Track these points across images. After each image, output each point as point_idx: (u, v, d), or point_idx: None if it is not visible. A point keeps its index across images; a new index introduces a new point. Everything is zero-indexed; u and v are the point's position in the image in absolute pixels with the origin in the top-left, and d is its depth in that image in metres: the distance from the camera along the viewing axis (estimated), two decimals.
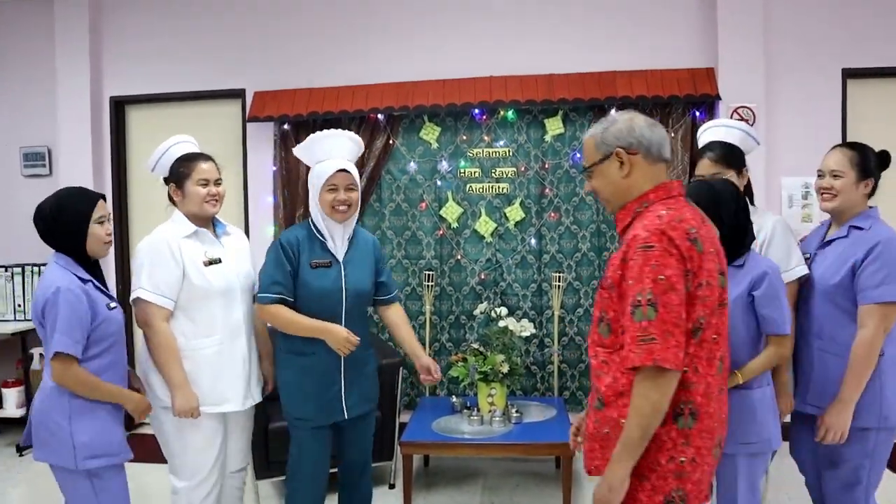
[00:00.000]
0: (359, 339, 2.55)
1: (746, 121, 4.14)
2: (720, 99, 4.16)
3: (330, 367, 2.62)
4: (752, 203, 2.61)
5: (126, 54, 4.81)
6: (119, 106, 4.88)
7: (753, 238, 2.29)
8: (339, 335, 2.52)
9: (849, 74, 4.27)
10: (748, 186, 2.70)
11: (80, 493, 2.27)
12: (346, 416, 2.66)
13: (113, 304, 2.33)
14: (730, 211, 2.20)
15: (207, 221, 2.66)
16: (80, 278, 2.24)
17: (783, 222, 2.54)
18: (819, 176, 2.48)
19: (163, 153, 2.66)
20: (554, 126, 4.37)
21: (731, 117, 4.13)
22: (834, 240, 2.42)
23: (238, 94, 4.69)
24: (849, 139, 4.27)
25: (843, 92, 4.27)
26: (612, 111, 3.21)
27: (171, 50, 4.76)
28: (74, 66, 4.73)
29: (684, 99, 4.14)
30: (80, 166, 4.73)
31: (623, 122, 1.81)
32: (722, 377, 1.79)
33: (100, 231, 2.31)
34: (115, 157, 4.85)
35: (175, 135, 2.73)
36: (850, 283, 2.30)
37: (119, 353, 2.35)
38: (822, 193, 2.45)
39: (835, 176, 2.40)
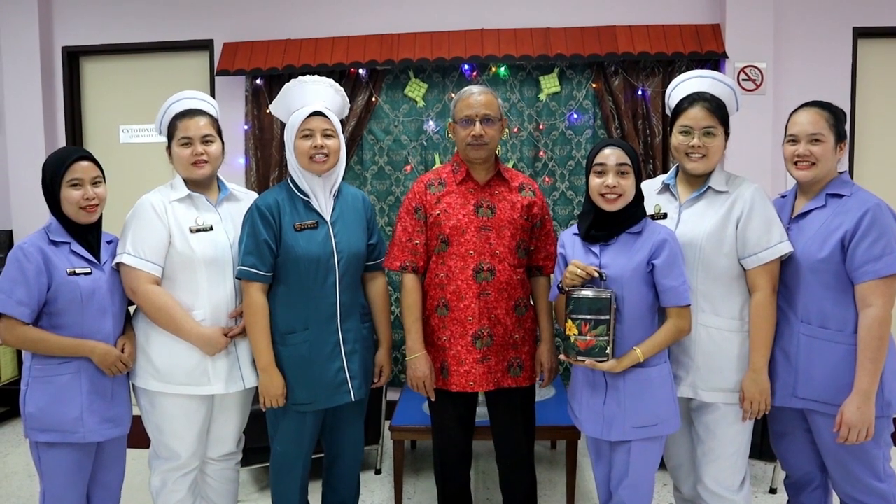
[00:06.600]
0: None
1: (753, 80, 3.92)
2: (727, 57, 3.90)
3: (327, 341, 2.35)
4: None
5: (80, 0, 4.38)
6: (73, 57, 4.45)
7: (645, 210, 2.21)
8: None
9: (860, 34, 4.04)
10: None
11: (34, 461, 2.23)
12: (352, 398, 2.40)
13: (81, 270, 2.19)
14: (640, 174, 2.17)
15: (206, 185, 2.40)
16: (52, 241, 2.18)
17: (762, 192, 2.18)
18: (791, 141, 2.15)
19: (163, 112, 2.46)
20: (549, 84, 4.07)
21: (738, 77, 3.91)
22: (810, 211, 2.14)
23: (205, 45, 4.31)
24: (858, 102, 4.08)
25: (854, 52, 4.05)
26: None
27: None
28: (21, 13, 4.28)
29: (689, 56, 3.88)
30: (30, 124, 4.34)
31: None
32: None
33: (72, 194, 2.19)
34: (70, 114, 4.45)
35: (183, 90, 2.50)
36: (840, 258, 2.04)
37: (82, 320, 2.19)
38: (798, 162, 2.13)
39: (815, 141, 2.10)
